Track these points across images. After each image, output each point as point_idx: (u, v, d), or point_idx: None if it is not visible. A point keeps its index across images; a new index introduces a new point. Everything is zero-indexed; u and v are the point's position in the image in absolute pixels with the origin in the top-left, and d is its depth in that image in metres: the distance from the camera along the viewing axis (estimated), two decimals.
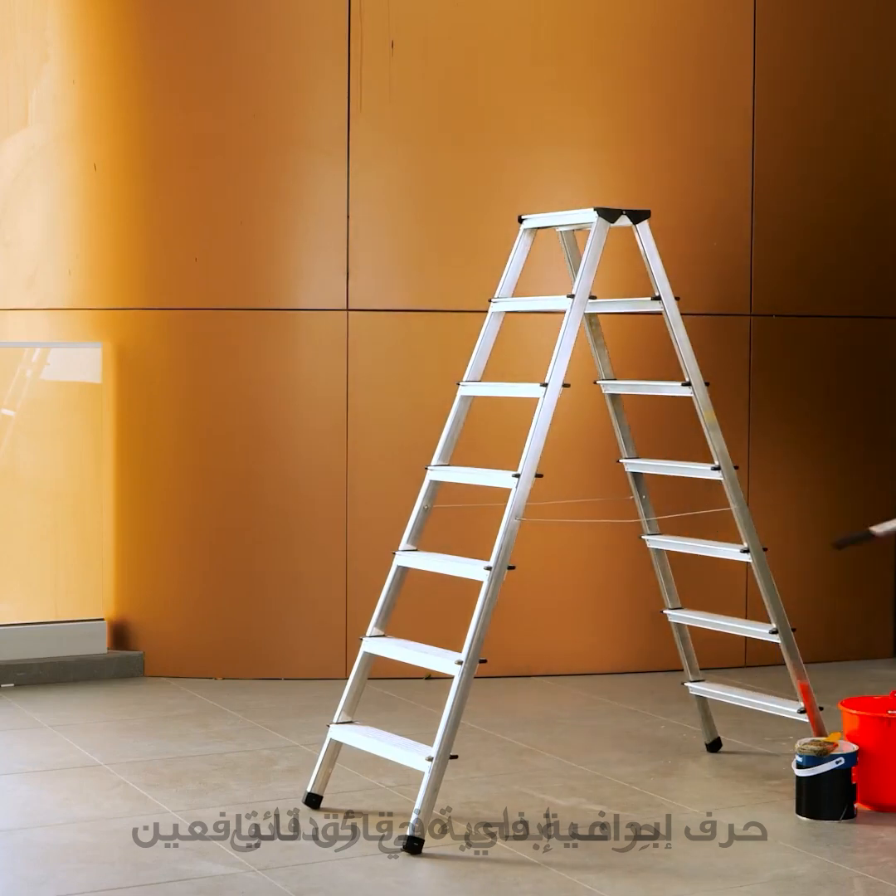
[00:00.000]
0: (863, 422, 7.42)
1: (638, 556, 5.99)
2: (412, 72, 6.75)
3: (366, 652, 4.99)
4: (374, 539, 6.62)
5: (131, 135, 6.83)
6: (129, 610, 6.91)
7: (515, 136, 6.82)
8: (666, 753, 5.65)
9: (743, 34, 7.06)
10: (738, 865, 4.42)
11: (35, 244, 7.04)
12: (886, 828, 4.76)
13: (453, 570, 4.92)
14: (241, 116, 6.73)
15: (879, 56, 7.39)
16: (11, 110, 7.06)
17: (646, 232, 5.09)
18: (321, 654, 6.78)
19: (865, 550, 7.45)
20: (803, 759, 4.86)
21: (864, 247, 7.39)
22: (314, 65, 6.74)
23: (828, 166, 7.29)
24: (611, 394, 5.57)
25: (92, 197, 6.90)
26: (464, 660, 4.61)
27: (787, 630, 5.23)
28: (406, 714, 6.13)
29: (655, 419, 6.66)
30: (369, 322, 6.77)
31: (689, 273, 6.77)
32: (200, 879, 4.27)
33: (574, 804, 4.98)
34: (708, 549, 5.50)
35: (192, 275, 6.73)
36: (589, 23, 6.88)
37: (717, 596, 6.86)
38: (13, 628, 6.76)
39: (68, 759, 5.47)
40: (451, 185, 6.78)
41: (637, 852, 4.51)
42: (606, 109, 6.97)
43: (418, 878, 4.34)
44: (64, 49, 6.95)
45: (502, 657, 5.77)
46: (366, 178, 6.76)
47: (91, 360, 6.89)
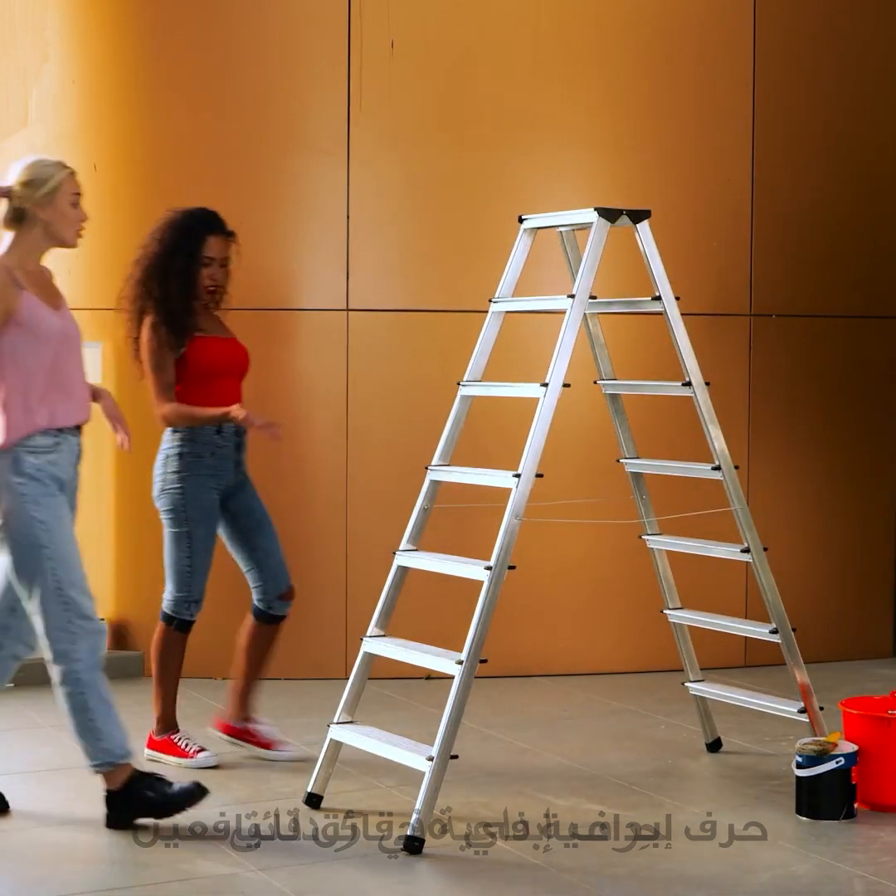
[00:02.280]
0: (863, 421, 7.42)
1: (638, 556, 5.99)
2: (412, 72, 6.75)
3: (366, 652, 4.99)
4: (374, 539, 6.63)
5: (131, 135, 6.83)
6: (129, 610, 6.91)
7: (516, 136, 6.82)
8: (666, 753, 5.65)
9: (743, 34, 7.06)
10: (738, 865, 4.42)
11: None
12: (886, 828, 4.76)
13: (453, 570, 4.92)
14: (241, 116, 6.73)
15: (881, 56, 7.39)
16: (11, 110, 7.07)
17: (646, 232, 5.09)
18: (321, 654, 6.78)
19: (865, 550, 7.46)
20: (803, 759, 4.86)
21: (864, 247, 7.39)
22: (314, 65, 6.74)
23: (828, 166, 7.29)
24: (611, 394, 5.57)
25: (92, 197, 6.88)
26: (464, 660, 4.61)
27: (787, 630, 5.23)
28: (406, 714, 6.13)
29: (655, 419, 6.66)
30: (369, 322, 6.77)
31: (689, 273, 6.78)
32: (200, 879, 4.27)
33: (574, 804, 4.98)
34: (708, 549, 5.50)
35: None
36: (589, 23, 6.88)
37: (717, 596, 6.86)
38: None
39: (68, 759, 5.46)
40: (452, 185, 6.78)
41: (637, 852, 4.51)
42: (606, 109, 6.97)
43: (418, 878, 4.34)
44: (64, 49, 6.95)
45: (502, 657, 5.77)
46: (366, 178, 6.76)
47: (91, 360, 6.88)
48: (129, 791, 4.69)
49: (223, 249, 5.46)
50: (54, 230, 4.74)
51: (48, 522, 4.63)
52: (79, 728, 4.67)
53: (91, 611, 4.67)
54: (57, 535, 4.64)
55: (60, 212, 4.74)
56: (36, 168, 4.72)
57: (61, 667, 4.63)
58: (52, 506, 4.65)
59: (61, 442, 4.72)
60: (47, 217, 4.71)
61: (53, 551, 4.61)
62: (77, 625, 4.62)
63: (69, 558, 4.66)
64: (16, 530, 4.62)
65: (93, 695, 4.64)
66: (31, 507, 4.61)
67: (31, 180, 4.69)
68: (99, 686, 4.65)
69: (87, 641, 4.63)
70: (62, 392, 4.72)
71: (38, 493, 4.62)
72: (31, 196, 4.69)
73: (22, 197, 4.69)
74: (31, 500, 4.61)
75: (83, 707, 4.64)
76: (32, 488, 4.61)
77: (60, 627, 4.61)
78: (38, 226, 4.72)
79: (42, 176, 4.70)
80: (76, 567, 4.68)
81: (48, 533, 4.62)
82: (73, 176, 4.80)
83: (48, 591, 4.61)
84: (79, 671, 4.62)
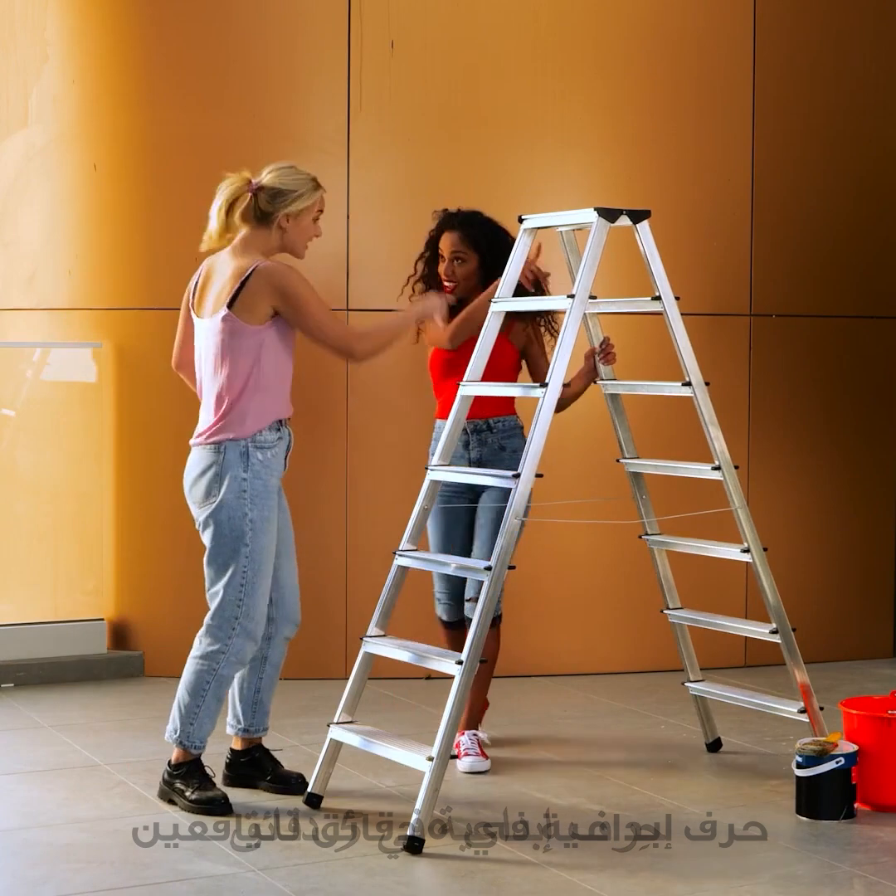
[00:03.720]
0: (863, 421, 7.42)
1: (638, 556, 5.99)
2: (412, 72, 6.75)
3: (366, 652, 4.99)
4: (374, 539, 6.63)
5: (131, 135, 6.83)
6: (129, 610, 6.91)
7: (515, 136, 6.82)
8: (666, 753, 5.65)
9: (743, 35, 7.06)
10: (738, 865, 4.42)
11: (35, 244, 7.03)
12: (886, 828, 4.76)
13: (454, 570, 4.92)
14: (241, 116, 6.73)
15: (882, 56, 7.38)
16: (11, 110, 7.06)
17: (646, 232, 5.09)
18: (321, 654, 6.78)
19: (865, 550, 7.46)
20: (803, 759, 4.86)
21: (864, 247, 7.39)
22: (314, 64, 6.74)
23: (828, 166, 7.29)
24: (611, 394, 5.57)
25: (92, 197, 6.90)
26: (464, 660, 4.61)
27: (787, 630, 5.23)
28: (406, 714, 6.13)
29: (655, 419, 6.66)
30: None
31: (689, 273, 6.78)
32: (200, 879, 4.27)
33: (574, 804, 4.98)
34: (708, 549, 5.50)
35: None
36: (590, 23, 6.88)
37: (717, 596, 6.87)
38: (13, 628, 6.76)
39: (68, 759, 5.47)
40: (451, 184, 6.77)
41: (637, 852, 4.51)
42: (607, 109, 6.97)
43: (418, 878, 4.34)
44: (64, 49, 6.95)
45: (502, 657, 5.77)
46: (366, 177, 6.76)
47: (91, 361, 6.89)
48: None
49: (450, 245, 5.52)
50: (290, 241, 4.87)
51: (256, 523, 4.76)
52: (182, 701, 4.84)
53: (259, 623, 4.83)
54: (260, 538, 4.78)
55: (303, 227, 4.87)
56: (293, 179, 4.82)
57: (207, 647, 4.81)
58: (264, 508, 4.78)
59: (283, 436, 4.86)
60: (289, 228, 4.83)
61: (252, 550, 4.76)
62: (241, 625, 4.79)
63: (263, 565, 4.80)
64: (226, 521, 4.74)
65: (216, 689, 4.81)
66: (247, 504, 4.74)
67: (285, 191, 4.80)
68: (225, 685, 4.84)
69: (241, 643, 4.80)
70: (286, 383, 4.86)
71: (257, 492, 4.76)
72: (281, 205, 4.80)
73: (271, 202, 4.79)
74: (248, 496, 4.74)
75: (200, 691, 4.82)
76: (253, 486, 4.75)
77: (226, 619, 4.78)
78: (277, 232, 4.83)
79: (298, 190, 4.81)
80: (265, 575, 4.81)
81: (253, 532, 4.76)
82: (321, 194, 4.91)
83: (231, 585, 4.76)
84: (219, 662, 4.80)
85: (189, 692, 4.83)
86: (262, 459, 4.77)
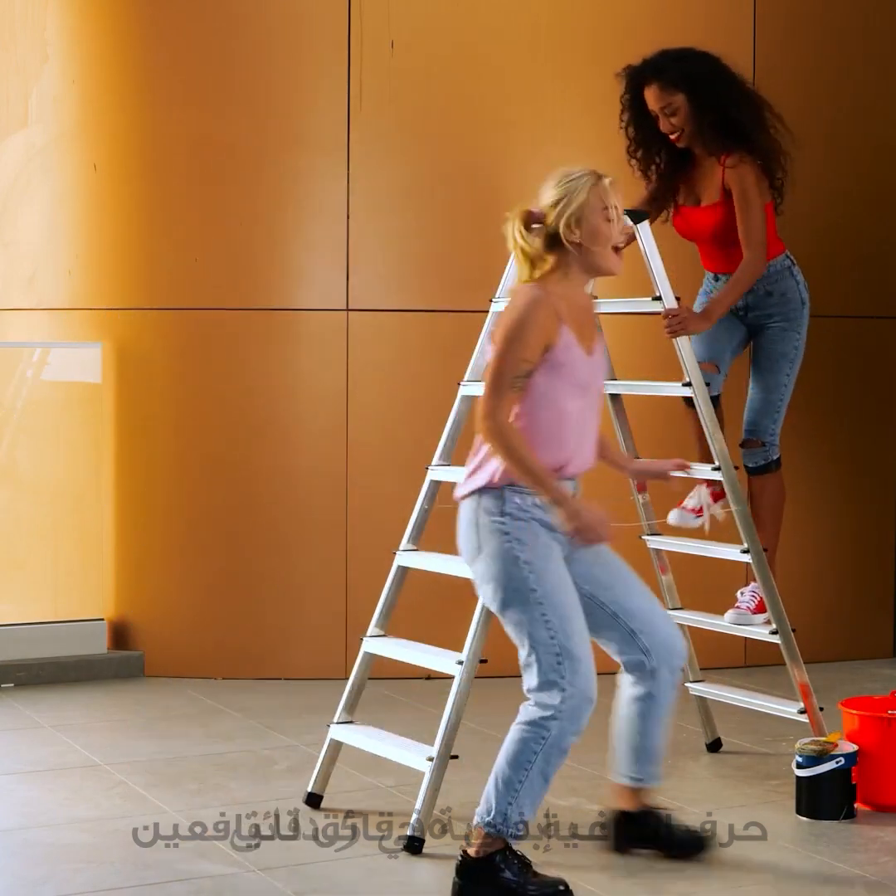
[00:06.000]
0: (863, 422, 7.42)
1: (638, 556, 5.98)
2: (412, 72, 6.75)
3: (366, 652, 4.99)
4: (374, 539, 6.62)
5: (131, 135, 6.83)
6: (129, 610, 6.91)
7: (516, 136, 6.82)
8: (666, 753, 5.64)
9: (743, 35, 7.05)
10: (738, 865, 4.42)
11: (35, 244, 7.04)
12: (886, 828, 4.76)
13: (454, 570, 4.92)
14: (241, 116, 6.73)
15: (883, 55, 7.38)
16: (11, 110, 7.07)
17: (646, 232, 5.09)
18: (321, 654, 6.78)
19: (865, 550, 7.45)
20: (803, 759, 4.86)
21: (864, 247, 7.38)
22: (314, 65, 6.74)
23: (828, 166, 7.29)
24: (611, 394, 5.56)
25: (92, 197, 6.90)
26: (464, 660, 4.61)
27: (787, 630, 5.23)
28: (406, 714, 6.12)
29: (655, 419, 6.66)
30: (369, 322, 6.77)
31: (690, 273, 6.77)
32: (200, 879, 4.27)
33: (574, 804, 4.98)
34: (708, 549, 5.50)
35: (192, 275, 6.73)
36: (590, 22, 6.88)
37: (717, 596, 6.86)
38: (13, 628, 6.76)
39: (68, 759, 5.47)
40: (452, 184, 6.77)
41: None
42: (608, 109, 6.95)
43: (418, 878, 4.34)
44: (64, 49, 6.95)
45: (502, 657, 5.75)
46: (366, 177, 6.76)
47: (91, 360, 6.88)
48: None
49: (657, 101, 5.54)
50: (588, 255, 4.20)
51: (534, 563, 4.09)
52: (498, 776, 4.11)
53: (588, 673, 4.10)
54: (546, 579, 4.09)
55: (590, 232, 4.17)
56: (562, 184, 4.20)
57: (534, 713, 4.09)
58: (536, 546, 4.11)
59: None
60: (578, 240, 4.18)
61: (542, 594, 4.07)
62: (568, 682, 4.05)
63: (564, 607, 4.09)
64: (502, 571, 4.10)
65: (543, 761, 4.07)
66: (516, 547, 4.09)
67: (558, 199, 4.17)
68: (554, 758, 4.08)
69: (575, 704, 4.07)
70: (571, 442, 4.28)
71: (520, 532, 4.11)
72: (560, 218, 4.17)
73: (552, 219, 4.18)
74: (513, 538, 4.11)
75: (523, 764, 4.08)
76: (513, 527, 4.11)
77: (550, 681, 4.05)
78: (572, 251, 4.19)
79: (568, 192, 4.17)
80: (574, 618, 4.11)
81: (535, 574, 4.08)
82: (602, 185, 4.17)
83: (540, 640, 4.07)
84: (549, 728, 4.05)
85: (507, 765, 4.08)
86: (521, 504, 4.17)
